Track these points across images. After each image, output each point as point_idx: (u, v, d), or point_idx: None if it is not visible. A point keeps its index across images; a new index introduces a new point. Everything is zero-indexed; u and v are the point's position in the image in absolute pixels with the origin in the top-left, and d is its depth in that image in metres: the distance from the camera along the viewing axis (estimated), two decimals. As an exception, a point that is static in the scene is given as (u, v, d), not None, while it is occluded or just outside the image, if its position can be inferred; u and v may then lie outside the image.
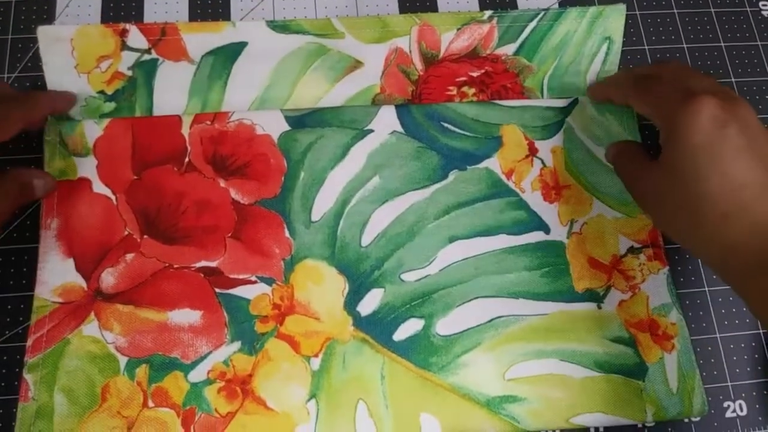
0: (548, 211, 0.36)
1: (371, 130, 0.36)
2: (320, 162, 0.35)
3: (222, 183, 0.35)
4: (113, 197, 0.34)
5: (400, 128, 0.36)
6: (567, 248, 0.35)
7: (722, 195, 0.27)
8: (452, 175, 0.36)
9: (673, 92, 0.30)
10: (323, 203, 0.35)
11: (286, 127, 0.36)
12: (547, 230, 0.35)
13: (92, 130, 0.35)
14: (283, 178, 0.35)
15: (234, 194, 0.35)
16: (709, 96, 0.28)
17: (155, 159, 0.35)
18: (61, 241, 0.33)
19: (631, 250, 0.35)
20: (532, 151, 0.37)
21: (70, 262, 0.33)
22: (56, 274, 0.33)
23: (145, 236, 0.34)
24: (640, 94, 0.32)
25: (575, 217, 0.36)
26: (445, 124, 0.36)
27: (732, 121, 0.28)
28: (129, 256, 0.33)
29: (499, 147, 0.36)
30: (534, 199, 0.36)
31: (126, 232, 0.34)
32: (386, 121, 0.36)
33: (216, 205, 0.34)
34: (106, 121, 0.35)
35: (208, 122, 0.35)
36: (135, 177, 0.35)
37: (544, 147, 0.37)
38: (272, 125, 0.36)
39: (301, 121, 0.36)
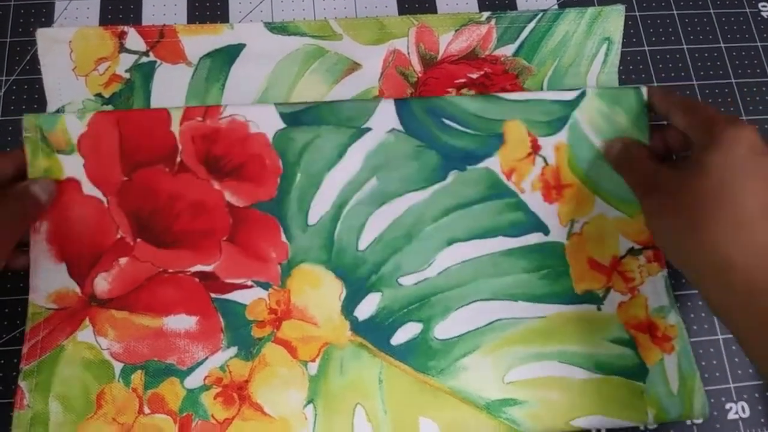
0: (548, 212, 0.35)
1: (369, 129, 0.35)
2: (317, 163, 0.35)
3: (216, 185, 0.34)
4: (104, 199, 0.33)
5: (399, 126, 0.35)
6: (567, 249, 0.35)
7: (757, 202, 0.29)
8: (451, 176, 0.35)
9: (721, 115, 0.32)
10: (320, 206, 0.34)
11: (281, 125, 0.35)
12: (546, 231, 0.35)
13: (74, 126, 0.34)
14: (278, 180, 0.34)
15: (229, 197, 0.34)
16: (753, 126, 0.31)
17: (146, 158, 0.34)
18: (52, 245, 0.33)
19: (631, 252, 0.35)
20: (535, 149, 0.36)
21: (63, 267, 0.33)
22: (49, 279, 0.32)
23: (138, 239, 0.33)
24: (688, 107, 0.33)
25: (576, 216, 0.35)
26: (446, 121, 0.35)
27: None
28: (122, 261, 0.33)
29: (501, 145, 0.35)
30: (533, 200, 0.35)
31: (119, 236, 0.33)
32: (385, 118, 0.35)
33: (211, 208, 0.34)
34: (88, 116, 0.34)
35: (200, 118, 0.34)
36: (125, 178, 0.34)
37: (548, 144, 0.36)
38: (267, 122, 0.35)
39: (296, 118, 0.35)
